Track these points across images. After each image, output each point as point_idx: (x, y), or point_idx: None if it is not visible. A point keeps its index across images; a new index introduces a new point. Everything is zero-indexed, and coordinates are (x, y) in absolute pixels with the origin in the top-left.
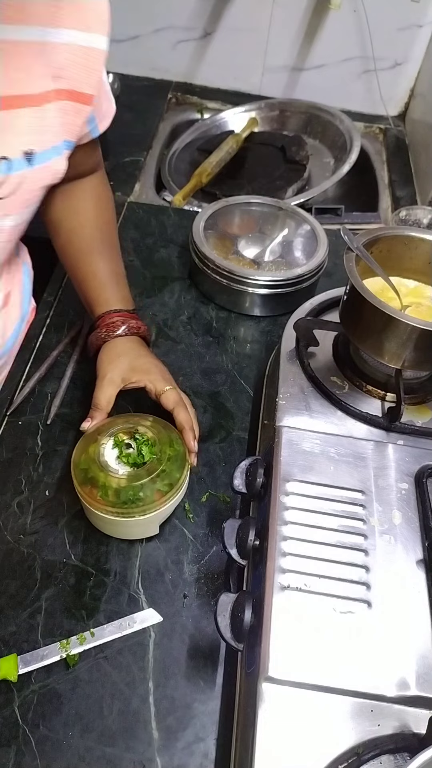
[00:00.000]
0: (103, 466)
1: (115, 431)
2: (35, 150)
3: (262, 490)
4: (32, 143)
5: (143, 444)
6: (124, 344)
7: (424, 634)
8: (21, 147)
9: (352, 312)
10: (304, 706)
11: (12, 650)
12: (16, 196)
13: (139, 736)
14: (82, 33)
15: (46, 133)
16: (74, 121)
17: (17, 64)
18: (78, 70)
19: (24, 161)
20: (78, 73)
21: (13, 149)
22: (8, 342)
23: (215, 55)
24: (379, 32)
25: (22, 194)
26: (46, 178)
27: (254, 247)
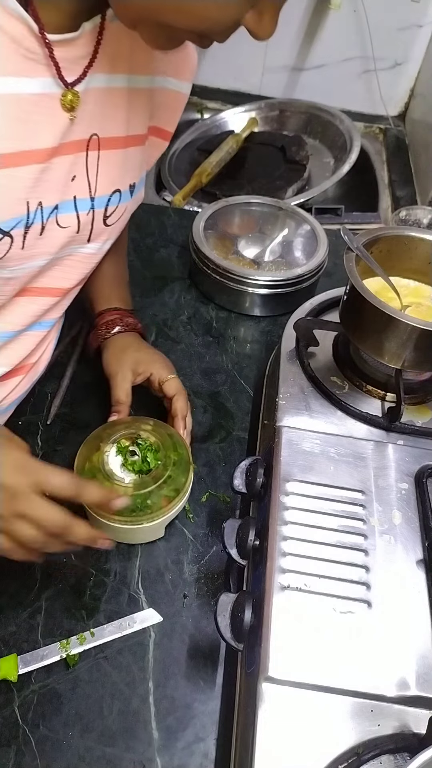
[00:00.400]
0: (108, 475)
1: (117, 438)
2: (135, 183)
3: (262, 490)
4: (135, 177)
5: (147, 450)
6: (124, 340)
7: (424, 634)
8: (129, 181)
9: (352, 312)
10: (304, 706)
11: (12, 650)
12: (119, 223)
13: (139, 736)
14: (175, 79)
15: (141, 168)
16: (154, 154)
17: (136, 109)
18: (166, 110)
19: (129, 193)
20: (165, 113)
21: (124, 183)
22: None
23: (215, 55)
24: (379, 32)
25: (122, 222)
26: (135, 207)
27: (254, 247)
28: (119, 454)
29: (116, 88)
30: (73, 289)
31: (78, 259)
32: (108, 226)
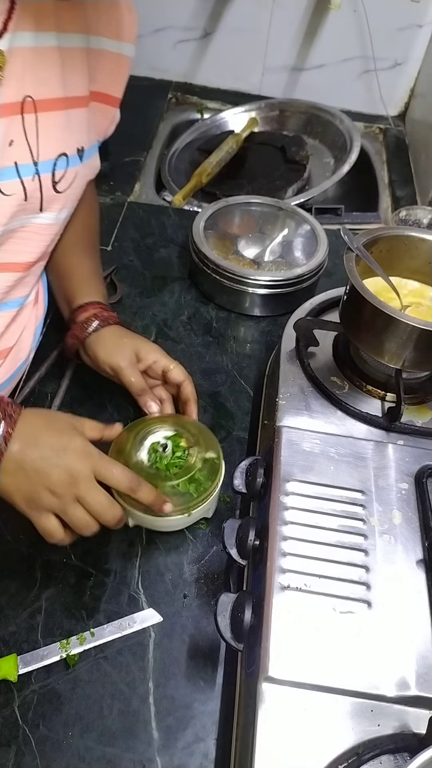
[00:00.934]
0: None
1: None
2: (84, 147)
3: (262, 490)
4: (83, 141)
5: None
6: (114, 332)
7: (424, 634)
8: (75, 144)
9: (352, 312)
10: (304, 706)
11: (12, 650)
12: (72, 190)
13: (139, 736)
14: (113, 41)
15: (90, 132)
16: (102, 122)
17: (72, 69)
18: (108, 74)
19: (77, 158)
20: (108, 78)
21: (70, 147)
22: (36, 335)
23: (215, 55)
24: (379, 32)
25: (75, 188)
26: (90, 173)
27: (254, 247)
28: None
29: (46, 48)
30: (36, 264)
31: (34, 231)
32: (59, 193)
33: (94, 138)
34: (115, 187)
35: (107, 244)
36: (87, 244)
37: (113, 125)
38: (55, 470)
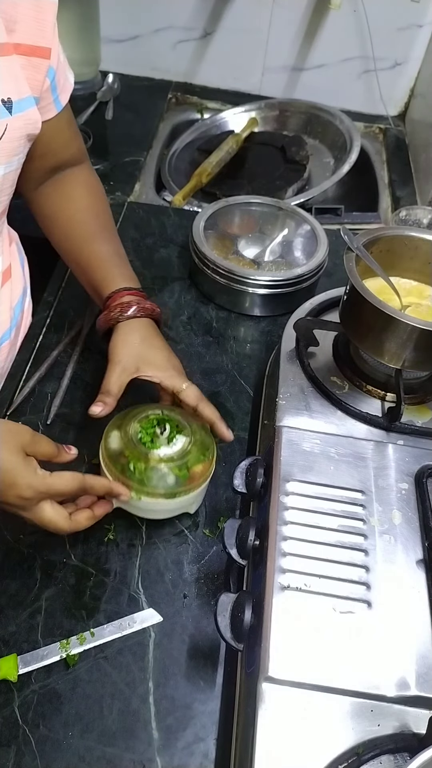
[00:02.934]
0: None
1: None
2: (12, 98)
3: (262, 490)
4: (8, 92)
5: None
6: (138, 329)
7: (424, 634)
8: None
9: (352, 312)
10: (304, 706)
11: (12, 650)
12: (3, 144)
13: (139, 736)
14: None
15: (17, 82)
16: (35, 76)
17: None
18: (29, 22)
19: (4, 109)
20: (30, 26)
21: None
22: (16, 312)
23: (215, 55)
24: (379, 32)
25: (8, 142)
26: (27, 127)
27: (254, 247)
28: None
29: None
30: None
31: None
32: None
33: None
34: (115, 187)
35: None
36: (102, 230)
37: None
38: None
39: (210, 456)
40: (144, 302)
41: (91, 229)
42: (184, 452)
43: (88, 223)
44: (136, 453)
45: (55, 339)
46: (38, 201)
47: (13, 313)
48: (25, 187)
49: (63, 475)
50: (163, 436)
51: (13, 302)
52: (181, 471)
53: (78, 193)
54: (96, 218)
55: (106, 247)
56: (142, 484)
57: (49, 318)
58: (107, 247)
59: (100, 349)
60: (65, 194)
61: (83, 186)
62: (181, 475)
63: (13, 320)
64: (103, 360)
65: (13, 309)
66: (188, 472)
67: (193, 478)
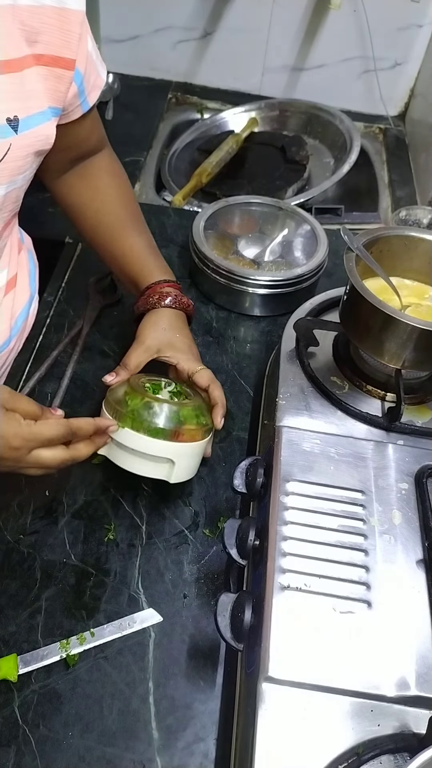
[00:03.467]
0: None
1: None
2: (19, 116)
3: (262, 490)
4: (14, 110)
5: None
6: (169, 317)
7: (424, 634)
8: (3, 114)
9: (352, 312)
10: (304, 706)
11: (12, 650)
12: (5, 163)
13: (139, 736)
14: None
15: (28, 99)
16: (56, 87)
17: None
18: (54, 33)
19: (8, 128)
20: (55, 37)
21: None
22: (18, 322)
23: (215, 55)
24: (379, 32)
25: (11, 162)
26: (36, 144)
27: (254, 247)
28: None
29: None
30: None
31: None
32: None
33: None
34: None
35: None
36: (134, 220)
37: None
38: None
39: (204, 422)
40: (181, 296)
41: (122, 221)
42: (182, 406)
43: (118, 214)
44: (136, 393)
45: (55, 339)
46: (62, 191)
47: (14, 323)
48: (47, 177)
49: (48, 422)
50: (166, 390)
51: (15, 313)
52: (172, 415)
53: (104, 183)
54: (125, 208)
55: (139, 238)
56: (132, 414)
57: (49, 318)
58: (141, 239)
59: (100, 349)
60: (92, 185)
61: (108, 174)
62: (171, 417)
63: (13, 330)
64: (103, 360)
65: (15, 319)
66: (178, 422)
67: (180, 433)
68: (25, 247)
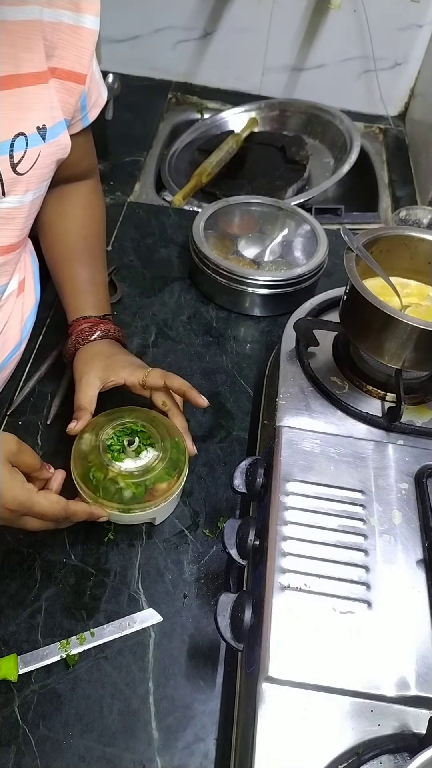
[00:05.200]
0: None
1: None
2: (47, 125)
3: (262, 490)
4: (44, 119)
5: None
6: (98, 346)
7: (424, 634)
8: (35, 123)
9: (352, 312)
10: (304, 706)
11: (12, 650)
12: (35, 170)
13: (139, 736)
14: (71, 12)
15: (53, 109)
16: (68, 100)
17: (24, 44)
18: (69, 48)
19: (38, 137)
20: (69, 52)
21: (29, 125)
22: (27, 324)
23: (215, 55)
24: (379, 32)
25: (39, 169)
26: (58, 153)
27: (254, 247)
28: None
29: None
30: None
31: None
32: (21, 175)
33: (61, 116)
34: (115, 187)
35: (107, 244)
36: (85, 253)
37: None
38: None
39: (176, 475)
40: (101, 326)
41: (73, 251)
42: (148, 469)
43: (73, 243)
44: (99, 461)
45: (55, 339)
46: None
47: (23, 327)
48: None
49: (49, 496)
50: (131, 449)
51: (25, 315)
52: (138, 489)
53: (73, 212)
54: (83, 239)
55: (83, 270)
56: (97, 493)
57: (49, 318)
58: (85, 272)
59: None
60: (60, 209)
61: (82, 204)
62: (137, 492)
63: (24, 332)
64: None
65: (24, 322)
66: (145, 490)
67: (153, 496)
68: (28, 248)
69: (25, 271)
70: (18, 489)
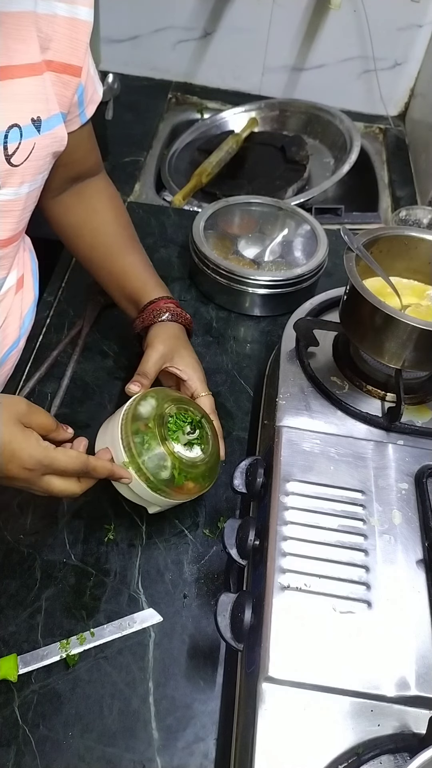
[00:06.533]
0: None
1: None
2: (41, 117)
3: (262, 490)
4: (38, 111)
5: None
6: (173, 329)
7: (424, 634)
8: (29, 114)
9: (352, 312)
10: (304, 706)
11: (12, 650)
12: (30, 162)
13: (139, 736)
14: (65, 4)
15: (48, 101)
16: (65, 93)
17: (17, 35)
18: (64, 41)
19: (33, 128)
20: (64, 45)
21: (22, 116)
22: (25, 322)
23: (215, 55)
24: (379, 32)
25: (35, 161)
26: (54, 145)
27: (254, 247)
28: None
29: None
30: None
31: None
32: (15, 167)
33: (57, 109)
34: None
35: None
36: (131, 242)
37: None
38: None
39: (207, 484)
40: (181, 311)
41: (120, 240)
42: (193, 464)
43: (117, 234)
44: (158, 431)
45: (55, 339)
46: (59, 211)
47: (22, 323)
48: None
49: (68, 452)
50: (187, 437)
51: (24, 312)
52: (180, 476)
53: (102, 205)
54: (123, 229)
55: (138, 257)
56: (141, 458)
57: (49, 318)
58: (139, 258)
59: (100, 349)
60: (90, 206)
61: (105, 196)
62: (177, 479)
63: (22, 329)
64: (103, 360)
65: (23, 319)
66: (183, 481)
67: (180, 490)
68: (27, 247)
69: (24, 269)
70: (33, 447)
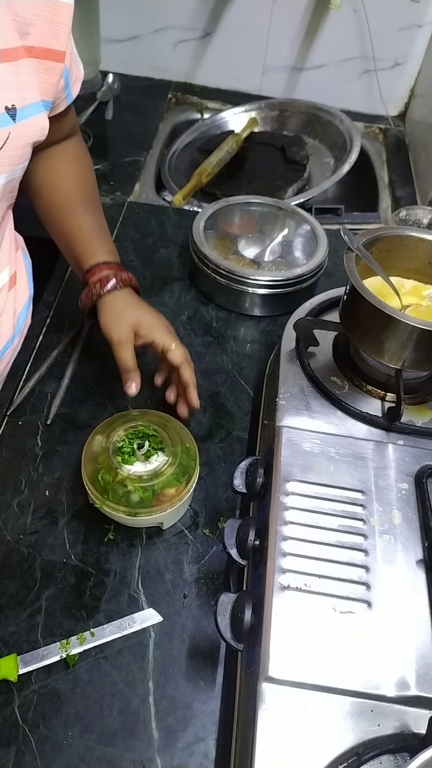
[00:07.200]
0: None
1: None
2: (16, 105)
3: (262, 490)
4: (12, 99)
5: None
6: (122, 299)
7: (424, 634)
8: (2, 102)
9: (352, 312)
10: (304, 706)
11: (12, 650)
12: (5, 152)
13: (139, 736)
14: None
15: (24, 89)
16: (48, 80)
17: None
18: (45, 25)
19: (7, 117)
20: (45, 29)
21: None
22: (19, 320)
23: (215, 55)
24: (379, 32)
25: (11, 150)
26: (32, 135)
27: (254, 247)
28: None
29: None
30: None
31: None
32: None
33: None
34: (115, 187)
35: None
36: (86, 202)
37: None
38: None
39: (185, 481)
40: (120, 274)
41: (73, 201)
42: (157, 473)
43: (73, 193)
44: (108, 463)
45: (55, 339)
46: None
47: (16, 321)
48: None
49: None
50: (140, 452)
51: (17, 310)
52: (146, 493)
53: (65, 165)
54: (81, 189)
55: (88, 219)
56: (105, 495)
57: (49, 318)
58: (89, 220)
59: (100, 349)
60: (52, 167)
61: (71, 159)
62: (145, 497)
63: (16, 328)
64: (103, 360)
65: (17, 317)
66: (153, 495)
67: (161, 501)
68: (19, 245)
69: (17, 266)
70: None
